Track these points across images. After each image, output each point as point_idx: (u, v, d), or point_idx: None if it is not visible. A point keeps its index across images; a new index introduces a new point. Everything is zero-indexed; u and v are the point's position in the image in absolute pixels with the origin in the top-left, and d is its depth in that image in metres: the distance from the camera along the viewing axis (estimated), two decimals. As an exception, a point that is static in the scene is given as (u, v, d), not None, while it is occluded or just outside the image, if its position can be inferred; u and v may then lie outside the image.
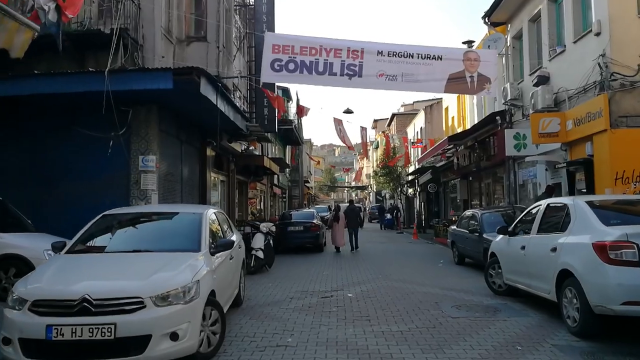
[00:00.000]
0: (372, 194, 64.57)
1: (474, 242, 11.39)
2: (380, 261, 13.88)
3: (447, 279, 10.19)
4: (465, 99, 22.43)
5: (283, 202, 35.46)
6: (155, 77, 9.52)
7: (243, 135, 16.30)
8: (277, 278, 10.84)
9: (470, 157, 19.99)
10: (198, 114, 12.42)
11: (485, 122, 17.40)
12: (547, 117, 12.20)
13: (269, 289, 9.39)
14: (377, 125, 60.94)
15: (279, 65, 10.78)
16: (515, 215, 10.78)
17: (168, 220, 6.26)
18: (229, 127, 14.06)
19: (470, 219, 12.22)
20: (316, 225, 16.99)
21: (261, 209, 25.93)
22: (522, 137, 14.22)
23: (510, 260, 7.62)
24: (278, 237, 16.75)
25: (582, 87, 11.53)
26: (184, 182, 12.96)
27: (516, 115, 15.81)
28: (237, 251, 7.17)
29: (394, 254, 16.24)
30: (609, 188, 10.23)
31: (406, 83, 10.89)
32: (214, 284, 5.25)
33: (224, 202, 17.46)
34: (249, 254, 11.80)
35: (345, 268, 12.46)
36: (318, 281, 10.27)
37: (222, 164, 17.24)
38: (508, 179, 16.43)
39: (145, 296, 4.38)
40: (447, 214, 26.67)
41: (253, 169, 19.44)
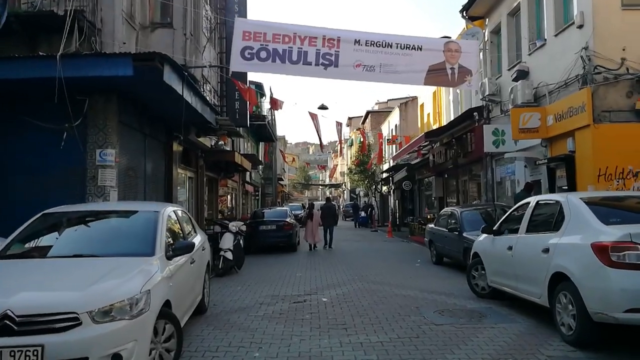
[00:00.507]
0: (347, 192, 64.23)
1: (453, 241, 10.94)
2: (356, 261, 13.33)
3: (426, 280, 9.69)
4: (442, 95, 22.12)
5: (256, 200, 34.61)
6: (114, 62, 8.69)
7: (212, 129, 15.49)
8: (246, 281, 10.16)
9: (447, 154, 19.66)
10: (163, 106, 11.59)
11: (463, 118, 17.06)
12: (527, 112, 11.85)
13: (237, 293, 8.71)
14: (352, 123, 60.56)
15: (249, 54, 10.05)
16: (496, 213, 10.39)
17: (119, 220, 5.51)
18: (197, 121, 13.27)
19: (449, 217, 11.77)
20: (289, 224, 16.34)
21: (232, 207, 25.10)
22: (501, 133, 13.87)
23: (496, 261, 7.14)
24: (249, 237, 16.05)
25: (563, 81, 11.20)
26: (147, 178, 12.12)
27: (494, 111, 15.50)
28: (200, 254, 6.48)
29: (370, 253, 15.74)
30: (592, 185, 9.91)
31: (384, 74, 10.31)
32: (169, 292, 4.57)
33: (192, 200, 16.63)
34: (217, 255, 11.11)
35: (319, 269, 11.86)
36: (291, 284, 9.63)
37: (191, 160, 16.40)
38: (485, 176, 16.12)
39: (82, 311, 3.67)
40: (422, 211, 26.40)
41: (223, 165, 18.63)
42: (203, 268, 6.77)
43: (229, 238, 11.29)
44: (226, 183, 21.30)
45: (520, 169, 13.57)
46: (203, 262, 6.80)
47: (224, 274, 10.93)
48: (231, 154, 17.92)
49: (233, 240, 11.33)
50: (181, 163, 15.15)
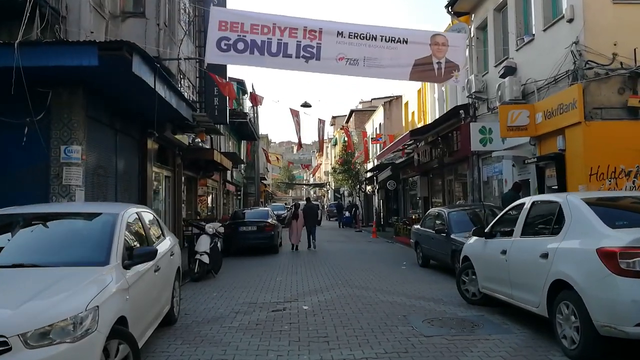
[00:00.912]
0: (331, 192, 63.77)
1: (440, 243, 10.50)
2: (340, 264, 12.82)
3: (413, 285, 9.22)
4: (427, 93, 21.75)
5: (238, 199, 33.90)
6: (77, 51, 8.03)
7: (190, 126, 14.83)
8: (223, 286, 9.57)
9: (432, 153, 19.28)
10: (135, 100, 10.92)
11: (449, 116, 16.67)
12: (516, 109, 11.47)
13: (212, 301, 8.12)
14: (336, 122, 60.11)
15: (226, 45, 9.48)
16: (485, 214, 9.98)
17: (71, 223, 4.87)
18: (173, 116, 12.61)
19: (436, 217, 11.33)
20: (271, 225, 15.76)
21: (213, 207, 24.41)
22: (488, 131, 13.51)
23: (488, 266, 6.69)
24: (229, 238, 15.45)
25: (552, 78, 10.86)
26: (119, 177, 11.44)
27: (481, 109, 15.14)
28: (168, 260, 5.89)
29: (354, 254, 15.25)
30: (583, 185, 9.56)
31: (368, 68, 9.83)
32: (125, 307, 3.98)
33: (170, 200, 15.94)
34: (192, 259, 10.51)
35: (301, 272, 11.32)
36: (270, 289, 9.07)
37: (167, 158, 15.72)
38: (472, 175, 15.76)
39: (12, 334, 3.08)
40: (407, 211, 26.03)
41: (202, 164, 17.96)
42: (172, 275, 6.18)
43: (205, 240, 10.68)
44: (206, 182, 20.62)
45: (507, 168, 13.21)
46: (172, 268, 6.21)
47: (200, 278, 10.32)
48: (210, 152, 17.26)
49: (210, 242, 10.72)
50: (157, 161, 14.47)
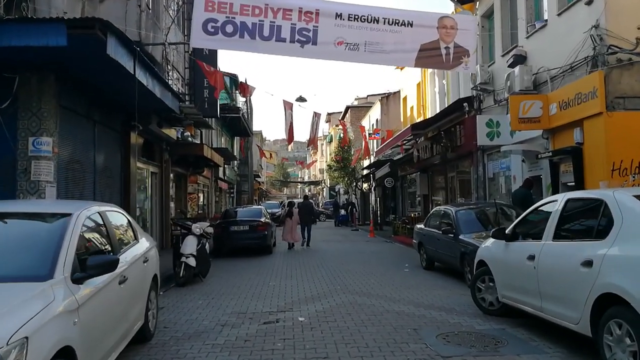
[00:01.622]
0: (326, 189, 62.91)
1: (448, 244, 9.66)
2: (337, 266, 11.96)
3: (419, 291, 8.37)
4: (426, 86, 20.92)
5: (231, 197, 32.98)
6: (43, 30, 7.12)
7: (177, 119, 13.95)
8: (210, 292, 8.69)
9: (433, 148, 18.45)
10: (115, 89, 10.04)
11: (451, 110, 15.84)
12: (528, 99, 10.65)
13: (196, 310, 7.24)
14: (331, 119, 59.26)
15: (213, 27, 8.56)
16: (498, 213, 9.15)
17: (12, 226, 3.95)
18: (158, 108, 11.71)
19: (442, 217, 10.49)
20: (264, 224, 14.88)
21: (204, 205, 23.49)
22: (496, 125, 12.69)
23: (510, 273, 5.85)
24: (220, 238, 14.59)
25: (568, 65, 10.04)
26: (98, 173, 10.54)
27: (486, 101, 14.32)
28: (139, 268, 5.00)
29: (352, 256, 14.39)
30: (605, 181, 8.73)
31: (370, 54, 8.95)
32: (72, 334, 3.11)
33: (156, 198, 15.03)
34: (178, 262, 9.64)
35: (296, 276, 10.45)
36: (262, 296, 8.20)
37: (154, 153, 14.80)
38: (476, 172, 14.94)
39: None
40: (405, 210, 25.23)
41: (192, 159, 17.04)
42: (145, 285, 5.29)
43: (191, 242, 9.79)
44: (196, 179, 19.70)
45: (516, 163, 12.39)
46: (146, 277, 5.33)
47: (186, 283, 9.44)
48: (199, 147, 16.35)
49: (196, 244, 9.84)
50: (142, 156, 13.56)
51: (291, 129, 15.51)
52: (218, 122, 26.23)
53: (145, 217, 14.09)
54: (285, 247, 17.12)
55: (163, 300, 8.10)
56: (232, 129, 29.63)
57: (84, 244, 3.86)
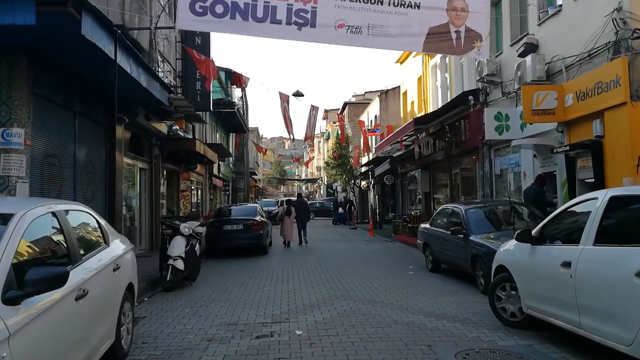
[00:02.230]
0: (323, 187, 62.18)
1: (457, 246, 8.93)
2: (337, 268, 11.23)
3: (428, 297, 7.64)
4: (428, 80, 20.18)
5: (226, 195, 32.17)
6: (9, 7, 6.33)
7: (167, 112, 13.16)
8: (199, 298, 7.94)
9: (435, 144, 17.71)
10: (98, 77, 9.27)
11: (455, 103, 15.10)
12: (541, 90, 9.92)
13: (181, 320, 6.49)
14: (328, 116, 58.42)
15: (201, 7, 7.79)
16: (513, 212, 8.43)
17: None
18: (145, 99, 10.93)
19: (450, 216, 9.76)
20: (259, 223, 14.12)
21: (198, 202, 22.70)
22: (505, 118, 11.97)
23: (539, 281, 5.13)
24: (213, 238, 13.84)
25: (586, 53, 9.31)
26: (78, 169, 9.75)
27: (493, 94, 13.58)
28: (105, 279, 4.24)
29: (352, 256, 13.65)
30: (629, 177, 8.03)
31: (373, 38, 8.20)
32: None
33: (146, 195, 14.25)
34: (165, 264, 8.88)
35: (293, 280, 9.71)
36: (256, 303, 7.46)
37: (143, 148, 14.01)
38: (482, 168, 14.22)
39: None
40: (405, 208, 24.52)
41: (184, 155, 16.25)
42: (117, 297, 4.53)
43: (179, 243, 9.03)
44: (189, 176, 18.92)
45: (527, 159, 11.67)
46: (117, 288, 4.57)
47: (173, 287, 8.69)
48: (191, 142, 15.57)
49: (185, 245, 9.08)
50: (129, 151, 12.78)
51: (287, 121, 14.69)
52: (212, 118, 25.45)
53: (133, 216, 13.32)
54: (282, 246, 16.51)
55: (147, 307, 7.36)
56: (227, 124, 28.81)
57: (27, 253, 3.10)
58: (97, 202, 10.67)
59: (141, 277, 9.27)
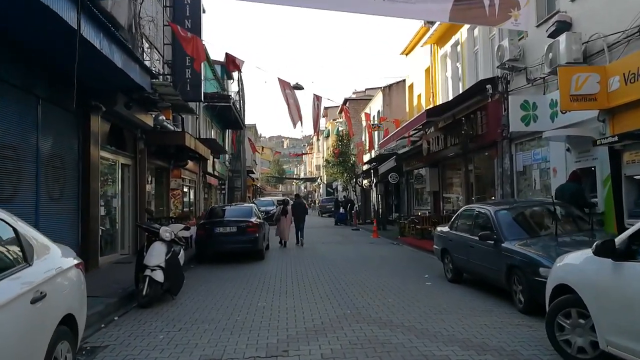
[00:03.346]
0: (323, 186, 60.81)
1: (486, 254, 7.56)
2: (342, 276, 9.86)
3: (459, 318, 6.27)
4: (437, 71, 18.81)
5: (222, 194, 30.76)
6: None
7: (152, 101, 11.78)
8: (179, 318, 6.57)
9: (446, 139, 16.35)
10: (65, 56, 7.87)
11: (471, 93, 13.73)
12: (582, 72, 8.56)
13: (152, 352, 5.12)
14: (328, 114, 57.06)
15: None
16: (556, 214, 7.08)
17: None
18: (124, 84, 9.57)
19: (476, 218, 8.39)
20: (254, 225, 12.73)
21: (191, 202, 21.30)
22: (532, 107, 10.60)
23: (629, 310, 3.76)
24: (203, 242, 12.48)
25: (636, 28, 7.97)
26: (42, 163, 8.38)
27: (515, 82, 12.22)
28: (16, 314, 2.86)
29: (358, 262, 12.28)
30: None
31: (391, 4, 6.83)
32: None
33: (129, 194, 12.86)
34: (141, 275, 7.51)
35: (292, 292, 8.34)
36: (247, 326, 6.09)
37: (125, 142, 12.63)
38: (501, 164, 12.85)
39: None
40: (411, 208, 23.15)
41: (173, 150, 14.86)
42: (41, 339, 3.16)
43: (159, 250, 7.66)
44: (180, 174, 17.52)
45: (557, 153, 10.31)
46: (41, 326, 3.20)
47: (150, 303, 7.32)
48: (180, 135, 14.17)
49: (166, 252, 7.70)
50: (108, 145, 11.40)
51: (291, 108, 13.27)
52: (207, 113, 24.07)
53: (114, 218, 11.93)
54: (279, 248, 15.22)
55: (113, 331, 5.99)
56: (222, 120, 27.43)
57: None
58: (67, 202, 9.31)
59: (114, 289, 7.94)
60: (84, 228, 9.75)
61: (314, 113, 14.19)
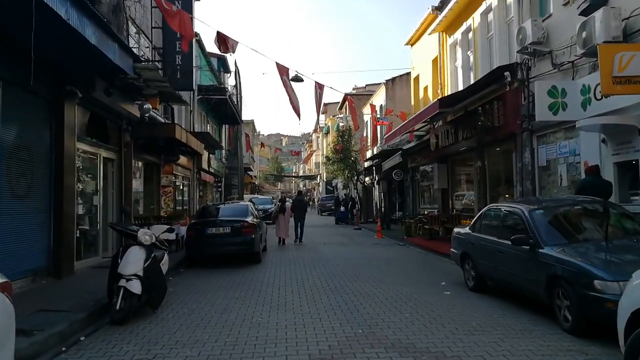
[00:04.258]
0: (322, 184, 59.68)
1: (519, 261, 6.45)
2: (350, 285, 8.76)
3: (495, 340, 5.17)
4: (445, 62, 17.68)
5: (218, 192, 29.62)
6: None
7: (136, 88, 10.65)
8: (157, 339, 5.45)
9: (457, 133, 15.23)
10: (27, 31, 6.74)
11: (487, 81, 12.59)
12: (626, 50, 7.44)
13: (114, 392, 4.00)
14: (327, 110, 55.89)
15: None
16: (607, 214, 5.98)
17: None
18: (101, 66, 8.42)
19: (505, 219, 7.28)
20: (250, 226, 11.60)
21: (183, 200, 20.16)
22: (561, 93, 9.48)
23: None
24: (193, 244, 11.37)
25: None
26: (4, 154, 7.24)
27: (537, 67, 11.09)
28: None
29: (364, 266, 11.17)
30: None
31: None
32: None
33: (113, 191, 11.74)
34: (115, 286, 6.41)
35: (293, 306, 7.22)
36: (239, 350, 4.98)
37: (108, 133, 11.51)
38: (521, 159, 11.74)
39: None
40: (416, 207, 22.05)
41: (162, 143, 13.71)
42: None
43: (136, 256, 6.53)
44: (171, 170, 16.39)
45: (590, 145, 9.19)
46: None
47: (126, 319, 6.19)
48: (170, 127, 13.04)
49: (144, 259, 6.58)
50: (88, 136, 10.28)
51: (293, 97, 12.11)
52: (202, 106, 22.93)
53: (94, 217, 10.80)
54: (277, 248, 14.13)
55: (74, 357, 4.87)
56: (218, 114, 26.29)
57: None
58: (36, 199, 8.19)
59: (86, 300, 6.82)
60: (56, 229, 8.62)
61: (317, 102, 13.04)
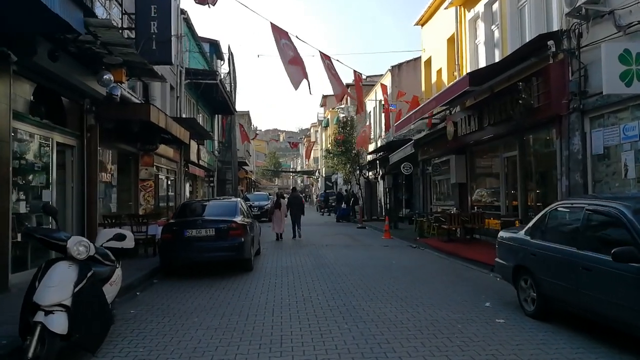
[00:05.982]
0: (321, 180, 57.59)
1: (619, 283, 4.40)
2: (364, 307, 6.71)
3: None
4: (463, 40, 15.60)
5: (210, 187, 27.51)
6: None
7: (95, 55, 8.51)
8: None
9: (481, 119, 13.16)
10: None
11: (525, 53, 10.48)
12: None
13: None
14: (327, 102, 53.79)
15: None
16: None
17: None
18: (38, 20, 6.29)
19: (587, 221, 5.21)
20: (239, 227, 9.52)
21: (166, 196, 18.05)
22: (636, 60, 7.42)
23: None
24: (168, 248, 9.30)
25: None
26: None
27: (592, 34, 9.01)
28: None
29: (377, 277, 9.10)
30: None
31: None
32: None
33: (73, 185, 9.65)
34: (31, 320, 4.33)
35: (291, 344, 5.16)
36: None
37: (65, 113, 9.40)
38: (568, 146, 9.68)
39: None
40: (427, 204, 20.00)
41: (137, 129, 11.56)
42: None
43: (62, 277, 4.47)
44: (152, 161, 14.28)
45: (674, 125, 7.14)
46: None
47: (43, 372, 4.12)
48: (144, 108, 10.90)
49: (75, 280, 4.50)
50: (33, 115, 8.17)
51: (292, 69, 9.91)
52: (191, 92, 20.77)
53: (44, 217, 8.69)
54: (273, 251, 12.09)
55: None
56: (210, 103, 24.17)
57: None
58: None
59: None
60: (-19, 233, 6.55)
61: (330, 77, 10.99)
